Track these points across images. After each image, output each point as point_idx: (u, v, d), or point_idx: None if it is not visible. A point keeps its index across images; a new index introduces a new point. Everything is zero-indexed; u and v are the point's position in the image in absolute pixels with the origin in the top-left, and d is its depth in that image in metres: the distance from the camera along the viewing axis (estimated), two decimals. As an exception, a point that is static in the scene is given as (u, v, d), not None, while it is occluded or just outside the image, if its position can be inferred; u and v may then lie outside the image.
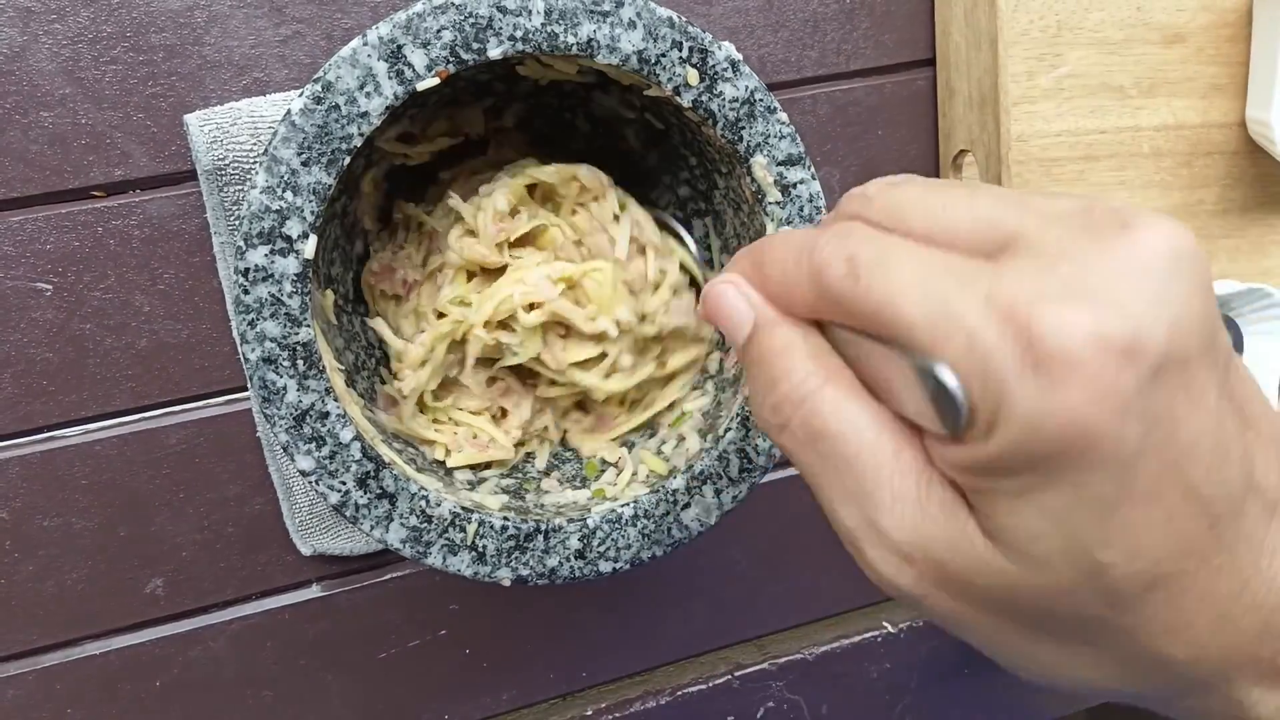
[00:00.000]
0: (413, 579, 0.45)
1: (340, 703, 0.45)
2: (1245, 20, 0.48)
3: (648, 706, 0.50)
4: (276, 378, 0.30)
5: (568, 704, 0.49)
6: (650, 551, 0.34)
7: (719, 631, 0.51)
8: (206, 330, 0.40)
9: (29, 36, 0.37)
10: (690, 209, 0.41)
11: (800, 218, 0.35)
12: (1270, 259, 0.51)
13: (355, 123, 0.30)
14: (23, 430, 0.39)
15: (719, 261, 0.40)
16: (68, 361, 0.39)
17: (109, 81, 0.38)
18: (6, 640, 0.41)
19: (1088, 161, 0.47)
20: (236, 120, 0.38)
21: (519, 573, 0.33)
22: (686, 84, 0.33)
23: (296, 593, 0.44)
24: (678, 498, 0.35)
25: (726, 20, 0.44)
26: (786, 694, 0.52)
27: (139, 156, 0.38)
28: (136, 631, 0.42)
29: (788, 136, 0.34)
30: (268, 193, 0.30)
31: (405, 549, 0.32)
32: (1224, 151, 0.49)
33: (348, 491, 0.31)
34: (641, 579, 0.49)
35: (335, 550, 0.43)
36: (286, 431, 0.31)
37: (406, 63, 0.30)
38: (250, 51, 0.39)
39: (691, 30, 0.33)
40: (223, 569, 0.43)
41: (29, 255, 0.38)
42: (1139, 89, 0.47)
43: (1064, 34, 0.46)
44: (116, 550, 0.41)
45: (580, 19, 0.32)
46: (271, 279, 0.30)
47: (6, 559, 0.40)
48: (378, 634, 0.45)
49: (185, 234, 0.39)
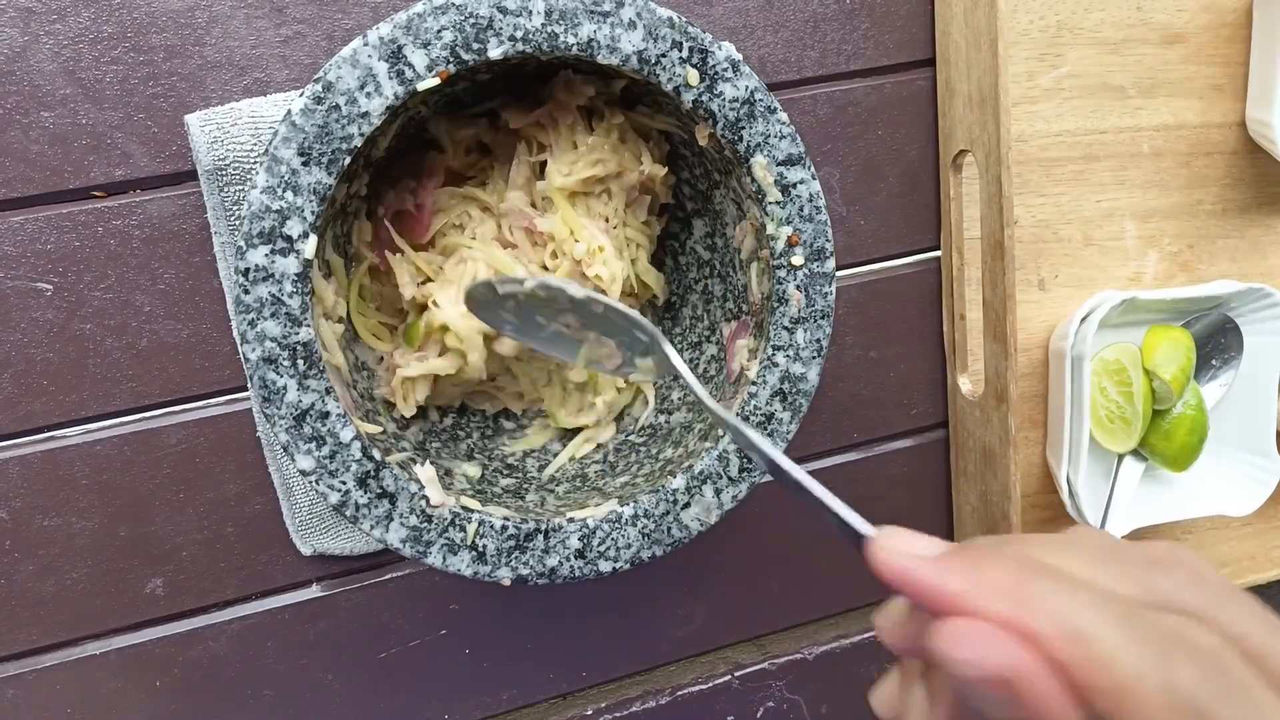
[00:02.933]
0: (413, 579, 0.45)
1: (340, 703, 0.45)
2: (1245, 20, 0.48)
3: (648, 706, 0.50)
4: (277, 377, 0.30)
5: (568, 704, 0.49)
6: (650, 551, 0.34)
7: (719, 631, 0.51)
8: (206, 330, 0.40)
9: (30, 37, 0.37)
10: (690, 209, 0.41)
11: (800, 217, 0.35)
12: (1270, 259, 0.51)
13: (355, 123, 0.30)
14: (23, 430, 0.39)
15: (720, 261, 0.40)
16: (68, 361, 0.39)
17: (110, 82, 0.38)
18: (6, 640, 0.41)
19: (1088, 161, 0.47)
20: (237, 120, 0.38)
21: (519, 572, 0.33)
22: (686, 84, 0.33)
23: (296, 593, 0.44)
24: (678, 497, 0.35)
25: (726, 20, 0.44)
26: (786, 694, 0.52)
27: (139, 156, 0.38)
28: (136, 631, 0.42)
29: (788, 136, 0.34)
30: (268, 193, 0.30)
31: (405, 549, 0.32)
32: (1224, 151, 0.49)
33: (348, 491, 0.31)
34: (641, 579, 0.49)
35: (335, 550, 0.43)
36: (286, 431, 0.31)
37: (407, 63, 0.30)
38: (251, 52, 0.39)
39: (691, 30, 0.33)
40: (223, 569, 0.43)
41: (29, 255, 0.38)
42: (1139, 89, 0.47)
43: (1064, 34, 0.46)
44: (116, 550, 0.41)
45: (580, 19, 0.32)
46: (272, 279, 0.30)
47: (6, 559, 0.40)
48: (378, 634, 0.45)
49: (185, 234, 0.39)
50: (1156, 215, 0.49)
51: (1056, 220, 0.47)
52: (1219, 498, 0.48)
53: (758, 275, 0.37)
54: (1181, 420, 0.46)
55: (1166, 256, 0.49)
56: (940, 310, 0.50)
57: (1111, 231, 0.48)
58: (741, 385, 0.36)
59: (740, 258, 0.38)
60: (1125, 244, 0.49)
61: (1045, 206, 0.47)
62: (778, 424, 0.35)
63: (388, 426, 0.36)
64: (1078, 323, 0.45)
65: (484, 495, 0.36)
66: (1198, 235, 0.50)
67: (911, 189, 0.48)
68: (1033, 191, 0.47)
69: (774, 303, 0.35)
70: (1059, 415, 0.46)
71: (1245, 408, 0.48)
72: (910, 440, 0.51)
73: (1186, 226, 0.49)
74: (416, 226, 0.37)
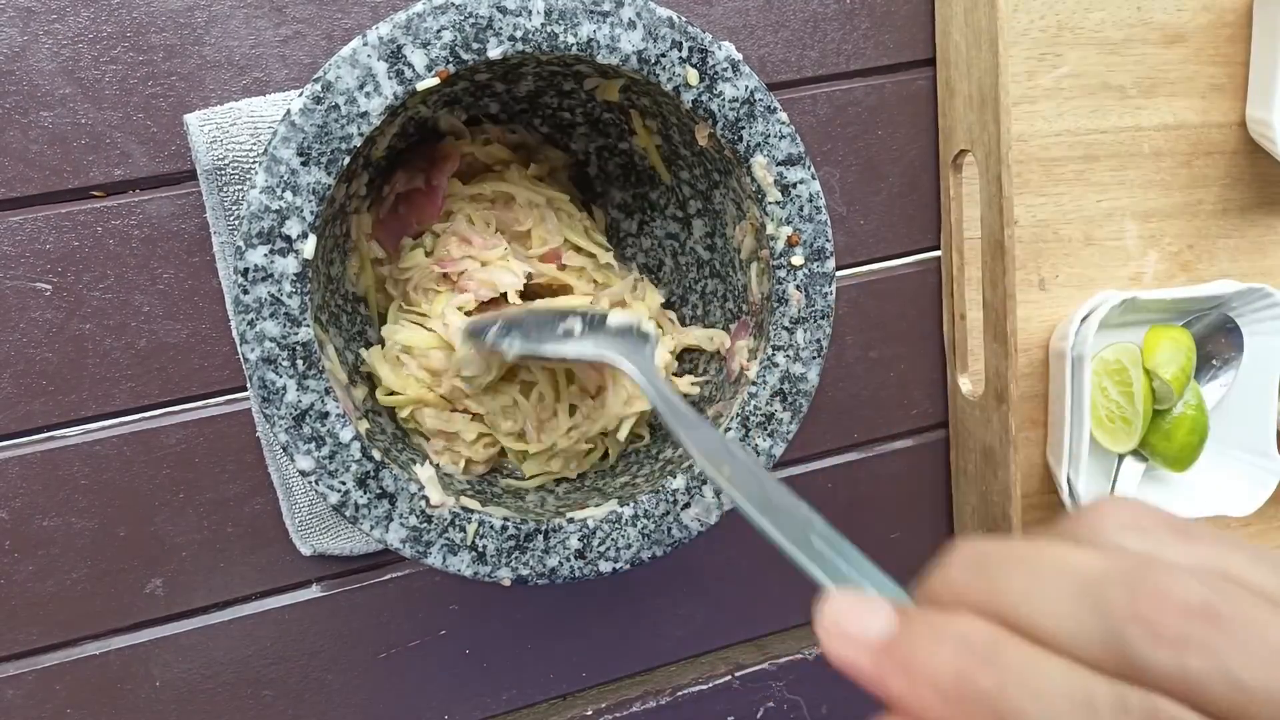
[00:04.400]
0: (413, 579, 0.45)
1: (340, 703, 0.45)
2: (1245, 20, 0.48)
3: (648, 706, 0.50)
4: (276, 377, 0.30)
5: (568, 704, 0.49)
6: (650, 551, 0.34)
7: (719, 631, 0.51)
8: (206, 330, 0.40)
9: (29, 36, 0.37)
10: (690, 209, 0.41)
11: (800, 217, 0.35)
12: (1270, 259, 0.51)
13: (355, 123, 0.30)
14: (23, 430, 0.39)
15: (718, 262, 0.40)
16: (68, 361, 0.39)
17: (109, 81, 0.38)
18: (6, 640, 0.41)
19: (1088, 161, 0.47)
20: (236, 120, 0.38)
21: (519, 573, 0.33)
22: (686, 84, 0.33)
23: (296, 593, 0.44)
24: (678, 497, 0.35)
25: (726, 20, 0.44)
26: (786, 694, 0.52)
27: (139, 156, 0.38)
28: (136, 631, 0.42)
29: (787, 136, 0.34)
30: (267, 193, 0.30)
31: (405, 549, 0.32)
32: (1224, 151, 0.49)
33: (347, 491, 0.31)
34: (641, 579, 0.49)
35: (335, 550, 0.43)
36: (286, 431, 0.31)
37: (406, 63, 0.30)
38: (250, 51, 0.39)
39: (691, 30, 0.33)
40: (223, 569, 0.43)
41: (29, 255, 0.38)
42: (1139, 89, 0.47)
43: (1064, 34, 0.46)
44: (116, 550, 0.41)
45: (580, 19, 0.32)
46: (271, 279, 0.30)
47: (6, 559, 0.40)
48: (378, 634, 0.45)
49: (185, 234, 0.39)
50: (1157, 215, 0.49)
51: (1056, 220, 0.47)
52: (1219, 498, 0.48)
53: (758, 275, 0.37)
54: (1182, 420, 0.46)
55: (1166, 256, 0.49)
56: (940, 310, 0.50)
57: (1112, 231, 0.48)
58: (741, 385, 0.36)
59: (740, 258, 0.38)
60: (1125, 244, 0.48)
61: (1045, 206, 0.47)
62: (778, 424, 0.35)
63: (388, 428, 0.36)
64: (1078, 323, 0.45)
65: (484, 495, 0.36)
66: (1198, 235, 0.50)
67: (911, 189, 0.48)
68: (1033, 191, 0.47)
69: (774, 303, 0.35)
70: (1059, 415, 0.46)
71: (1245, 408, 0.48)
72: (910, 440, 0.51)
73: (1187, 226, 0.49)
74: (429, 206, 0.37)
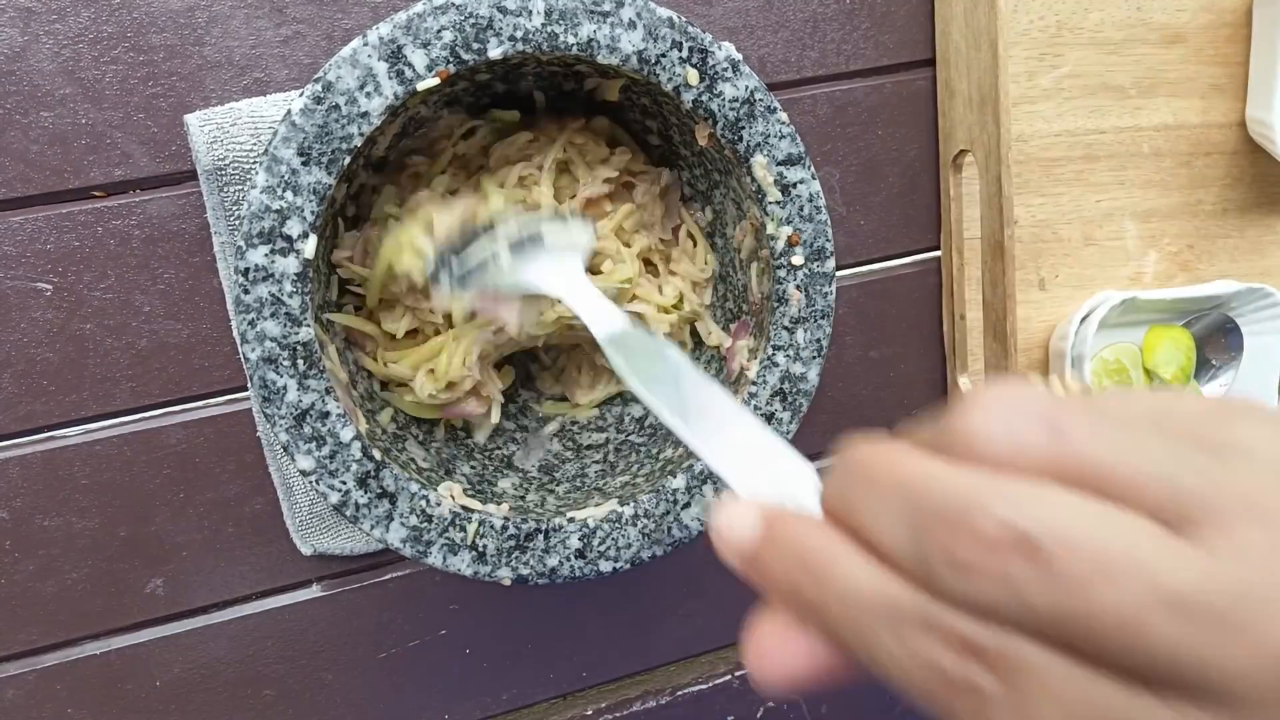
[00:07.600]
0: (413, 579, 0.45)
1: (340, 703, 0.45)
2: (1245, 20, 0.48)
3: (648, 706, 0.50)
4: (277, 377, 0.30)
5: (568, 704, 0.49)
6: (650, 551, 0.34)
7: (719, 631, 0.51)
8: (206, 330, 0.40)
9: (30, 36, 0.37)
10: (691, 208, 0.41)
11: (800, 217, 0.35)
12: (1270, 259, 0.51)
13: (355, 123, 0.30)
14: (23, 430, 0.39)
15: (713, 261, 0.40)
16: (68, 361, 0.39)
17: (109, 81, 0.38)
18: (6, 640, 0.41)
19: (1088, 161, 0.47)
20: (236, 120, 0.38)
21: (519, 572, 0.33)
22: (686, 84, 0.33)
23: (296, 593, 0.44)
24: (678, 497, 0.35)
25: (726, 20, 0.44)
26: (786, 694, 0.52)
27: (139, 156, 0.38)
28: (136, 631, 0.42)
29: (787, 136, 0.34)
30: (268, 192, 0.30)
31: (405, 549, 0.32)
32: (1224, 151, 0.49)
33: (348, 491, 0.31)
34: (641, 579, 0.49)
35: (335, 550, 0.43)
36: (286, 431, 0.31)
37: (407, 63, 0.30)
38: (250, 51, 0.39)
39: (691, 30, 0.33)
40: (223, 569, 0.43)
41: (29, 255, 0.38)
42: (1139, 89, 0.47)
43: (1064, 34, 0.46)
44: (116, 550, 0.41)
45: (580, 19, 0.32)
46: (271, 279, 0.30)
47: (6, 559, 0.40)
48: (378, 634, 0.45)
49: (185, 234, 0.39)
50: (1156, 215, 0.49)
51: (1056, 220, 0.47)
52: (1219, 498, 0.48)
53: (758, 275, 0.37)
54: (1181, 420, 0.46)
55: (1166, 256, 0.49)
56: (940, 310, 0.50)
57: (1111, 231, 0.48)
58: (741, 385, 0.36)
59: (740, 258, 0.38)
60: (1125, 244, 0.49)
61: (1045, 206, 0.47)
62: (778, 424, 0.35)
63: (389, 428, 0.36)
64: (1078, 323, 0.45)
65: (484, 495, 0.36)
66: (1198, 235, 0.50)
67: (911, 189, 0.48)
68: (1033, 191, 0.47)
69: (774, 303, 0.35)
70: (1059, 415, 0.46)
71: (1245, 408, 0.48)
72: (910, 440, 0.51)
73: (1186, 226, 0.49)
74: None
